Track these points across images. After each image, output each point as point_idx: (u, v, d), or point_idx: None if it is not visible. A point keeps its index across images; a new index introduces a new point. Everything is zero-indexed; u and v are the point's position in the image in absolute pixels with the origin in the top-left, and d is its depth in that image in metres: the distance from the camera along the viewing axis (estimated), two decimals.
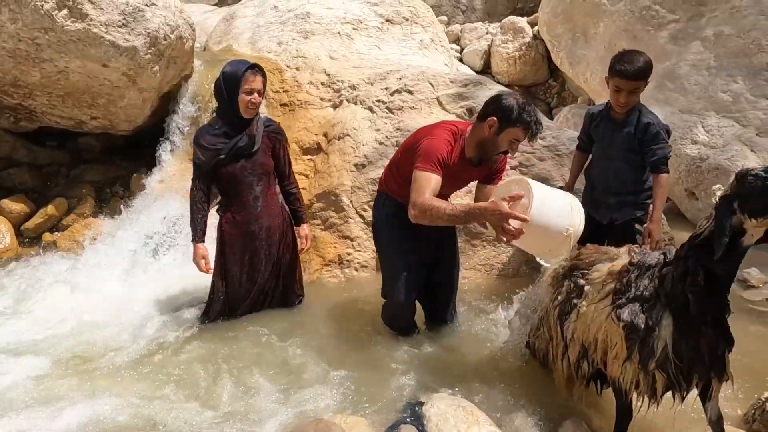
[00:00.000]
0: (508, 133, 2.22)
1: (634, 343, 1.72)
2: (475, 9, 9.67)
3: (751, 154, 3.95)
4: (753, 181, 1.48)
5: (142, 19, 3.63)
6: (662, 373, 1.68)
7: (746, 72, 4.12)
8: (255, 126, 2.70)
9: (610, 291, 1.84)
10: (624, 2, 4.95)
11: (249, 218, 2.71)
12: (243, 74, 2.55)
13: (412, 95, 3.82)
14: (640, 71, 2.47)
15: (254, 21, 5.86)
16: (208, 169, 2.62)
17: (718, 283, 1.61)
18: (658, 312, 1.69)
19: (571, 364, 2.01)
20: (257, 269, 2.80)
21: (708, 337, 1.66)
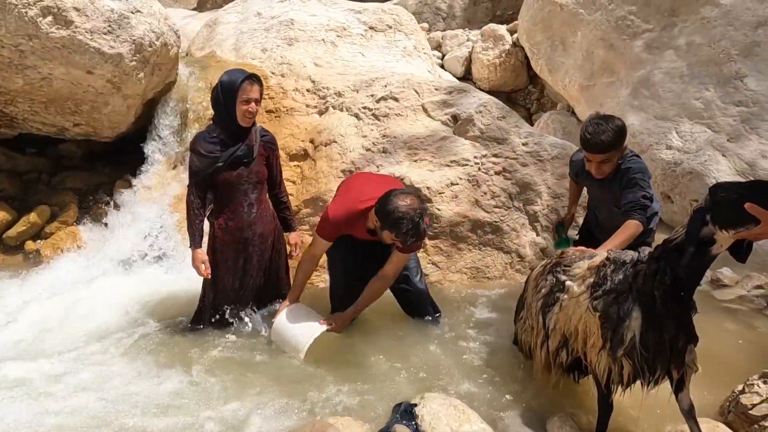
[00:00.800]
0: (387, 235, 2.45)
1: (608, 332, 1.87)
2: (456, 16, 9.80)
3: (722, 159, 4.11)
4: (724, 196, 1.58)
5: (127, 26, 3.62)
6: (629, 361, 1.84)
7: (716, 80, 4.29)
8: (253, 135, 2.75)
9: (590, 285, 1.97)
10: (600, 12, 5.11)
11: (243, 225, 2.74)
12: (240, 84, 2.57)
13: (397, 102, 3.88)
14: (606, 144, 2.34)
15: (237, 27, 5.87)
16: (205, 176, 2.64)
17: (683, 284, 1.75)
18: (629, 305, 1.84)
19: (550, 353, 2.15)
20: (249, 274, 2.83)
21: (671, 331, 1.81)
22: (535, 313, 2.26)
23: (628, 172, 2.45)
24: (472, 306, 3.04)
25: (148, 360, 2.56)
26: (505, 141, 3.58)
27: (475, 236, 3.44)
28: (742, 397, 2.01)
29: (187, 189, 2.70)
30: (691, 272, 1.73)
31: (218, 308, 2.81)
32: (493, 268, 3.43)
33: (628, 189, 2.43)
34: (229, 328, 2.81)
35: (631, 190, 2.41)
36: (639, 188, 2.40)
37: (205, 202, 2.69)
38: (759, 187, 1.56)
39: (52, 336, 2.83)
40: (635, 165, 2.46)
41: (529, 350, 2.37)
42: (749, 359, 2.53)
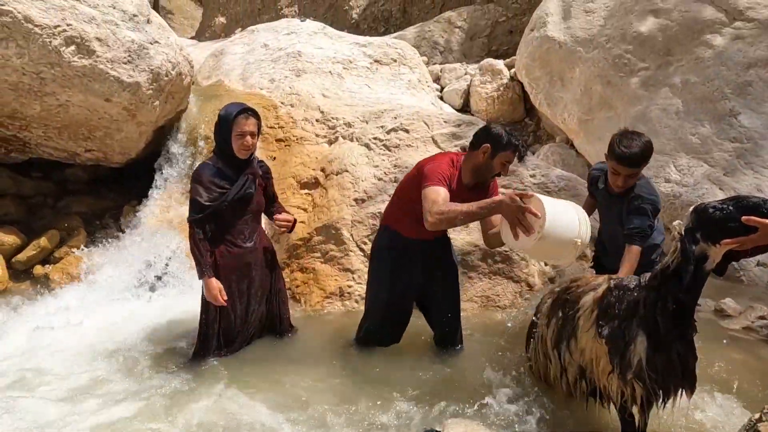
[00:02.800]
0: (500, 156, 2.47)
1: (615, 357, 1.96)
2: (452, 50, 10.10)
3: (720, 192, 4.26)
4: (713, 212, 1.72)
5: (146, 56, 3.71)
6: (639, 383, 1.92)
7: (712, 117, 4.48)
8: (255, 168, 2.78)
9: (596, 316, 2.07)
10: (598, 50, 5.33)
11: (244, 251, 2.76)
12: (235, 118, 2.61)
13: (408, 134, 3.99)
14: (637, 158, 2.42)
15: (244, 58, 6.01)
16: (210, 211, 2.62)
17: (684, 307, 1.87)
18: (634, 330, 1.94)
19: (570, 385, 2.23)
20: (254, 299, 2.85)
21: (678, 351, 1.91)
22: (551, 348, 2.32)
23: (639, 199, 2.54)
24: (487, 334, 3.07)
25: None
26: (514, 172, 3.69)
27: (486, 265, 3.50)
28: (760, 426, 2.04)
29: (188, 222, 2.66)
30: (691, 292, 1.84)
31: (227, 339, 2.80)
32: (503, 296, 3.48)
33: (636, 215, 2.52)
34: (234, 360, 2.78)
35: (639, 216, 2.51)
36: (647, 218, 2.52)
37: (207, 231, 2.68)
38: (744, 202, 1.71)
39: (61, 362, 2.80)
40: (647, 195, 2.55)
41: (542, 375, 2.45)
42: (760, 388, 2.58)
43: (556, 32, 5.74)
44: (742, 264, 3.97)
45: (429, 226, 2.34)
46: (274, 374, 2.67)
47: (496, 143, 2.46)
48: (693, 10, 4.80)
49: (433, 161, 2.54)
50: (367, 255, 3.54)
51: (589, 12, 5.59)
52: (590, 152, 5.44)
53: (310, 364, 2.76)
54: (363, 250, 3.55)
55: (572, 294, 2.27)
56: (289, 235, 3.82)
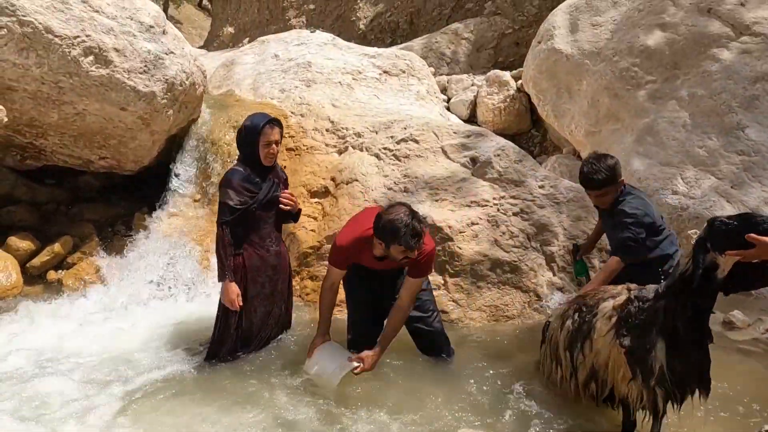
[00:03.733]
0: (393, 249, 2.49)
1: (636, 365, 2.06)
2: (459, 61, 10.19)
3: (727, 205, 4.27)
4: (719, 226, 1.88)
5: (161, 66, 3.79)
6: (661, 388, 2.04)
7: (719, 130, 4.50)
8: (279, 173, 3.00)
9: (615, 322, 2.16)
10: (605, 63, 5.38)
11: (271, 254, 2.92)
12: (262, 128, 2.81)
13: (417, 144, 4.03)
14: (600, 182, 2.64)
15: (255, 68, 6.09)
16: (241, 213, 2.77)
17: (701, 313, 1.99)
18: (654, 338, 2.04)
19: (580, 385, 2.32)
20: (276, 301, 2.99)
21: (696, 355, 2.02)
22: (563, 349, 2.40)
23: (620, 214, 2.72)
24: (497, 343, 3.09)
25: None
26: (523, 183, 3.73)
27: (495, 275, 3.52)
28: None
29: (217, 224, 2.80)
30: (705, 297, 1.96)
31: (244, 338, 2.88)
32: (512, 306, 3.50)
33: (618, 230, 2.72)
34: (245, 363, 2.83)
35: (621, 231, 2.70)
36: (627, 230, 2.66)
37: (232, 235, 2.80)
38: (747, 217, 1.86)
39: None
40: (629, 210, 2.70)
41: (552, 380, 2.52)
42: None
43: (564, 45, 5.80)
44: None
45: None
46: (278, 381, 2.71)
47: (385, 239, 2.47)
48: (700, 25, 4.84)
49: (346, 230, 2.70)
50: None
51: (596, 25, 5.65)
52: None
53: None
54: None
55: (591, 299, 2.36)
56: (299, 242, 3.88)
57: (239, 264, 2.83)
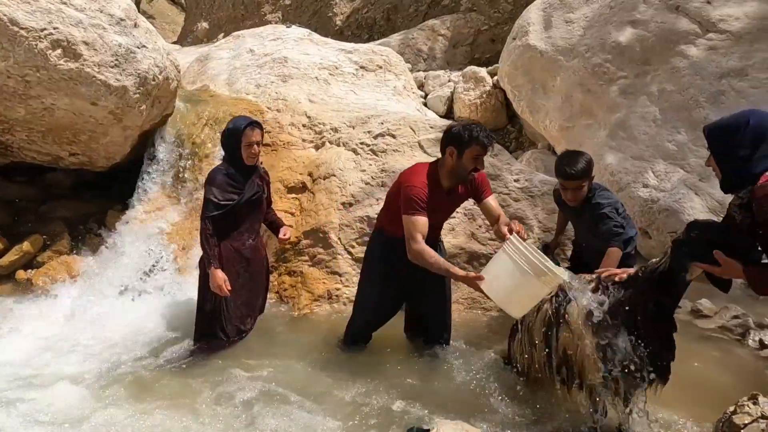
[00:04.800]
0: (467, 153, 2.53)
1: (600, 352, 2.11)
2: (436, 58, 10.23)
3: (695, 197, 4.40)
4: (696, 234, 1.90)
5: (133, 60, 3.71)
6: (621, 377, 2.10)
7: (687, 124, 4.63)
8: (262, 172, 3.11)
9: (587, 311, 2.19)
10: (578, 59, 5.47)
11: (245, 247, 3.02)
12: (243, 130, 2.92)
13: (395, 139, 4.05)
14: (579, 173, 2.72)
15: (230, 63, 6.02)
16: (225, 209, 2.86)
17: (664, 309, 2.04)
18: (619, 327, 2.09)
19: (553, 369, 2.36)
20: (252, 290, 3.09)
21: (657, 347, 2.08)
22: (539, 334, 2.43)
23: (598, 207, 2.82)
24: (472, 334, 3.13)
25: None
26: (498, 177, 3.77)
27: (472, 267, 3.56)
28: (735, 418, 2.14)
29: (201, 218, 2.90)
30: (672, 296, 2.01)
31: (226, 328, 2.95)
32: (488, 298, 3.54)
33: (601, 222, 2.81)
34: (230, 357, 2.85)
35: (604, 222, 2.80)
36: (609, 219, 2.79)
37: (215, 228, 2.90)
38: (717, 231, 1.89)
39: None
40: (604, 201, 2.83)
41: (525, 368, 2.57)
42: (735, 383, 2.68)
43: (538, 41, 5.88)
44: None
45: (409, 256, 2.52)
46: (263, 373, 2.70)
47: (457, 143, 2.53)
48: (669, 22, 4.96)
49: (409, 182, 2.58)
50: (354, 258, 3.58)
51: (569, 22, 5.74)
52: None
53: (299, 365, 2.79)
54: (351, 253, 3.59)
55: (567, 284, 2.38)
56: (276, 238, 3.86)
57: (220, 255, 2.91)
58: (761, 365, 2.94)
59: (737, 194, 1.81)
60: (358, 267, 3.55)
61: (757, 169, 1.76)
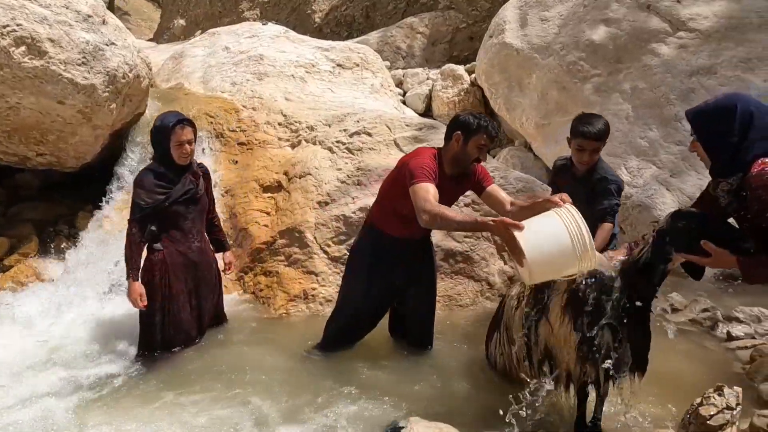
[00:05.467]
0: (473, 141, 2.52)
1: (583, 344, 2.11)
2: (415, 55, 10.23)
3: (667, 193, 4.48)
4: (681, 225, 1.89)
5: (102, 57, 3.63)
6: (602, 369, 2.10)
7: (659, 121, 4.71)
8: (197, 171, 2.94)
9: (566, 300, 2.20)
10: (553, 57, 5.52)
11: (192, 250, 2.89)
12: (173, 128, 2.76)
13: (370, 137, 4.03)
14: (601, 133, 2.74)
15: (205, 61, 5.93)
16: (152, 211, 2.73)
17: (644, 299, 2.04)
18: (600, 318, 2.08)
19: (534, 365, 2.35)
20: (204, 297, 2.97)
21: (637, 340, 2.10)
22: (518, 330, 2.43)
23: (605, 181, 2.80)
24: (449, 332, 3.14)
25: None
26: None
27: (448, 265, 3.57)
28: (701, 409, 2.19)
29: (128, 223, 2.76)
30: (652, 286, 2.01)
31: (174, 335, 2.86)
32: (465, 296, 3.56)
33: (604, 197, 2.78)
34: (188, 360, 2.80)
35: (607, 198, 2.78)
36: (613, 197, 2.79)
37: (144, 234, 2.77)
38: (707, 221, 1.86)
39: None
40: (611, 177, 2.83)
41: (505, 366, 2.57)
42: (703, 375, 2.74)
43: (514, 39, 5.92)
44: None
45: (423, 224, 2.36)
46: (233, 376, 2.67)
47: (466, 129, 2.52)
48: (640, 20, 5.04)
49: (416, 156, 2.56)
50: (331, 257, 3.57)
51: (544, 20, 5.79)
52: (547, 155, 5.62)
53: (272, 366, 2.76)
54: (327, 252, 3.57)
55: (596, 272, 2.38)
56: (252, 238, 3.82)
57: (160, 260, 2.80)
58: (729, 357, 3.00)
59: (726, 180, 1.78)
60: (335, 266, 3.54)
61: (748, 156, 1.72)
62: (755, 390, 2.55)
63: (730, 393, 2.21)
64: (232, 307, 3.45)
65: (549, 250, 1.95)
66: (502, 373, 2.59)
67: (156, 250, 2.80)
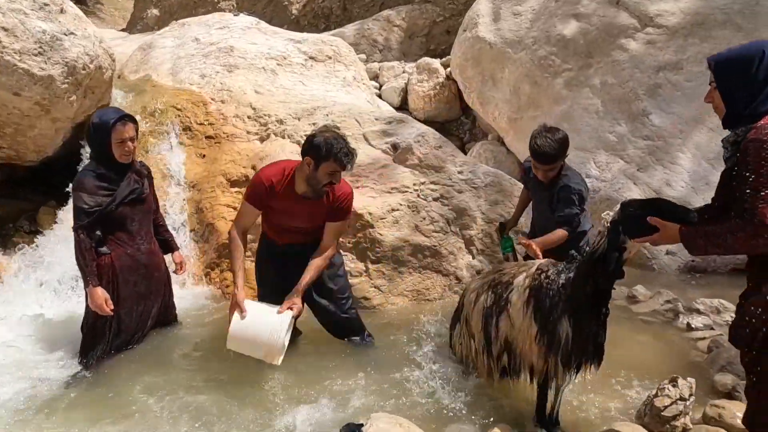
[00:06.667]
0: (323, 167, 2.49)
1: (543, 335, 2.16)
2: (392, 49, 10.18)
3: (634, 187, 4.55)
4: (632, 211, 1.88)
5: (60, 48, 3.52)
6: (561, 359, 2.14)
7: (627, 116, 4.77)
8: (140, 170, 2.85)
9: (528, 295, 2.24)
10: (525, 51, 5.54)
11: (141, 252, 2.83)
12: (114, 125, 2.63)
13: (339, 131, 3.99)
14: (553, 156, 2.67)
15: (174, 52, 5.80)
16: (98, 215, 2.63)
17: (602, 290, 2.06)
18: (561, 312, 2.13)
19: (493, 359, 2.39)
20: (150, 298, 2.91)
21: (594, 331, 2.13)
22: (477, 324, 2.45)
23: (566, 189, 2.80)
24: (414, 327, 3.14)
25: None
26: (442, 169, 3.79)
27: (416, 260, 3.57)
28: (656, 400, 2.23)
29: (73, 230, 2.66)
30: (610, 277, 2.01)
31: (124, 339, 2.82)
32: (433, 290, 3.57)
33: (564, 204, 2.79)
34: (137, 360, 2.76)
35: (567, 206, 2.79)
36: (574, 206, 2.79)
37: (93, 239, 2.67)
38: (656, 203, 1.88)
39: None
40: (574, 185, 2.80)
41: (463, 358, 2.60)
42: (663, 366, 2.79)
43: (487, 33, 5.92)
44: (653, 253, 4.26)
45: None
46: (187, 373, 2.65)
47: (316, 155, 2.47)
48: (609, 16, 5.09)
49: (261, 170, 2.63)
50: None
51: (516, 14, 5.80)
52: (519, 150, 5.65)
53: (237, 366, 2.73)
54: None
55: (506, 275, 2.41)
56: (218, 234, 3.76)
57: (108, 264, 2.71)
58: (688, 347, 3.06)
59: (734, 131, 1.68)
60: None
61: (764, 106, 1.62)
62: (711, 380, 2.61)
63: (684, 384, 2.25)
64: (196, 302, 3.40)
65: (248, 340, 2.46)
66: (464, 364, 2.60)
67: (103, 253, 2.69)
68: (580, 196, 2.82)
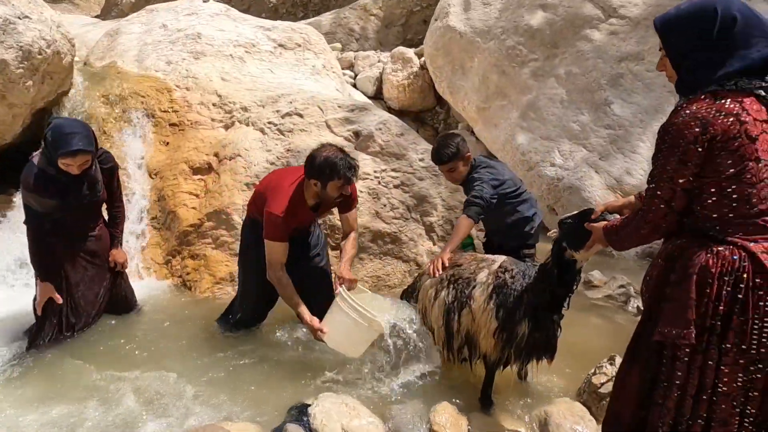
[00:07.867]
0: (331, 186, 2.53)
1: (503, 332, 2.26)
2: (368, 38, 10.15)
3: (596, 175, 4.64)
4: (569, 223, 1.98)
5: (13, 32, 3.46)
6: (515, 353, 2.28)
7: (590, 106, 4.85)
8: (96, 176, 2.74)
9: (490, 291, 2.32)
10: (494, 41, 5.58)
11: (90, 240, 2.85)
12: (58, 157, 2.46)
13: (302, 118, 4.00)
14: (446, 157, 2.83)
15: (141, 38, 5.72)
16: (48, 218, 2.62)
17: (558, 297, 2.17)
18: (520, 314, 2.24)
19: (453, 351, 2.48)
20: (101, 282, 2.93)
21: (549, 330, 2.25)
22: (439, 319, 2.50)
23: (470, 180, 2.91)
24: None
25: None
26: (404, 156, 3.82)
27: (376, 246, 3.61)
28: (593, 378, 2.31)
29: (26, 224, 2.65)
30: (565, 285, 2.12)
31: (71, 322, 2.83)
32: (393, 276, 3.61)
33: (468, 190, 2.90)
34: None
35: (470, 190, 2.85)
36: (473, 189, 2.82)
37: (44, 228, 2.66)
38: (588, 211, 1.94)
39: None
40: (477, 174, 2.88)
41: None
42: (608, 347, 2.86)
43: (458, 23, 5.95)
44: None
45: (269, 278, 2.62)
46: (143, 357, 2.66)
47: (320, 177, 2.50)
48: (575, 6, 5.14)
49: (272, 205, 2.55)
50: None
51: (486, 4, 5.83)
52: (488, 139, 5.71)
53: (193, 348, 2.75)
54: None
55: (465, 270, 2.45)
56: (180, 221, 3.75)
57: (58, 252, 2.72)
58: None
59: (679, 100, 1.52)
60: None
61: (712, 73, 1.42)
62: None
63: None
64: (156, 291, 3.41)
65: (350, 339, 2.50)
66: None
67: (52, 242, 2.69)
68: (482, 182, 2.81)
